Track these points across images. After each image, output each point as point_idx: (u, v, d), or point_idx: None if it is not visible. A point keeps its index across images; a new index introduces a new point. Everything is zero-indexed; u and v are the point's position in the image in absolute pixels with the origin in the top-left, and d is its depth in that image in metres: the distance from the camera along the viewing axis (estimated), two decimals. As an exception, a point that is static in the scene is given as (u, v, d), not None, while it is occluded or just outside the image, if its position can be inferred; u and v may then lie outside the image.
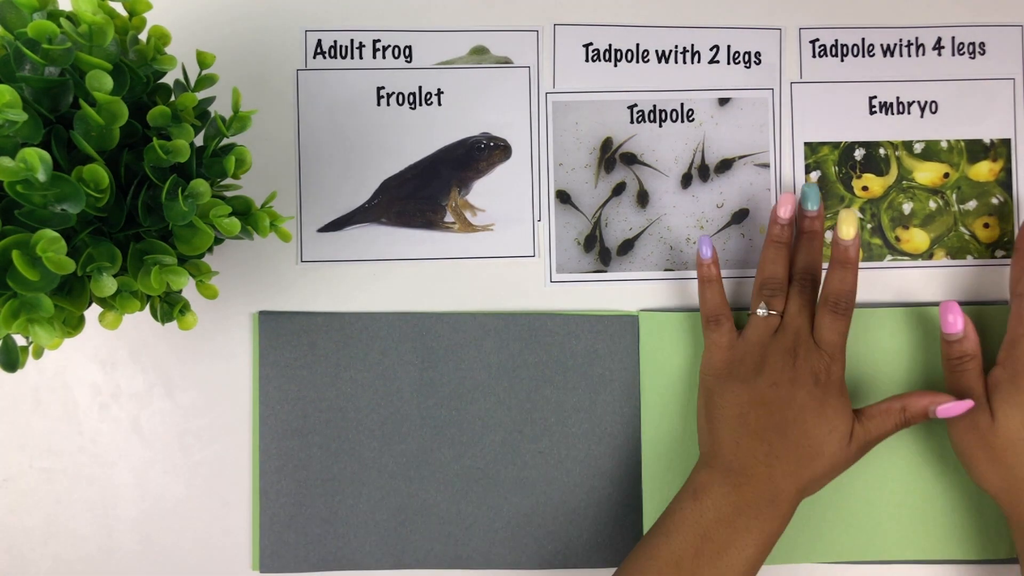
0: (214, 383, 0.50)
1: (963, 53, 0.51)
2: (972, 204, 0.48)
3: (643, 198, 0.51)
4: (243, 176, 0.40)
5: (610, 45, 0.51)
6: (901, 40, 0.51)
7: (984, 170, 0.48)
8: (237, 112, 0.39)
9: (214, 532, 0.49)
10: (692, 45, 0.51)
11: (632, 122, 0.51)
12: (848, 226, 0.44)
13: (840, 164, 0.48)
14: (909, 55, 0.51)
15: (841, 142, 0.48)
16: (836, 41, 0.51)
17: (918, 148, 0.48)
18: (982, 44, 0.51)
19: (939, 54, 0.51)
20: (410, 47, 0.51)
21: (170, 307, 0.39)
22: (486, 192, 0.51)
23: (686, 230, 0.51)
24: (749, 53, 0.51)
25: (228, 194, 0.40)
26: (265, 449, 0.49)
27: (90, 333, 0.48)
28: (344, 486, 0.49)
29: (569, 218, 0.51)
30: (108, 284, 0.34)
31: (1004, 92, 0.50)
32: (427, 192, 0.51)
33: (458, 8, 0.51)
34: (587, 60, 0.51)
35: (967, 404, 0.42)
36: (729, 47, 0.51)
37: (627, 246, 0.51)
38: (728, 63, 0.51)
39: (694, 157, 0.51)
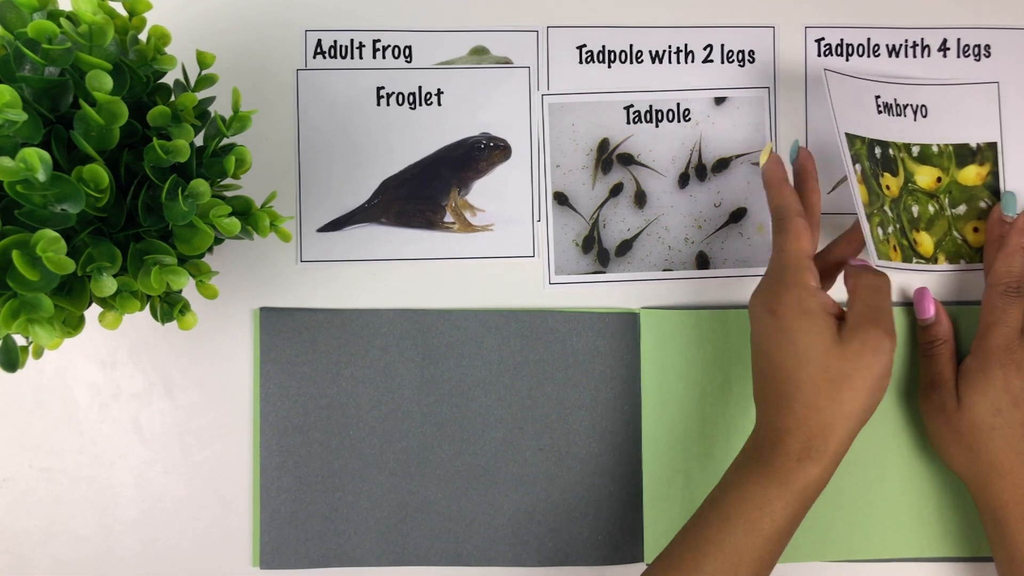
0: (214, 383, 0.50)
1: (968, 55, 0.52)
2: (962, 208, 0.48)
3: (641, 198, 0.51)
4: (243, 176, 0.40)
5: (604, 46, 0.51)
6: (907, 41, 0.52)
7: (972, 174, 0.48)
8: (237, 112, 0.39)
9: (214, 529, 0.49)
10: (686, 45, 0.51)
11: (629, 123, 0.51)
12: None
13: (869, 159, 0.46)
14: (915, 56, 0.52)
15: (866, 138, 0.46)
16: (842, 40, 0.52)
17: (915, 151, 0.47)
18: (987, 47, 0.52)
19: (944, 55, 0.52)
20: (410, 47, 0.51)
21: (170, 307, 0.39)
22: (486, 192, 0.51)
23: (684, 230, 0.51)
24: (743, 52, 0.52)
25: (228, 194, 0.40)
26: (266, 446, 0.49)
27: (90, 333, 0.48)
28: (345, 483, 0.49)
29: (567, 220, 0.51)
30: (108, 284, 0.34)
31: (988, 96, 0.49)
32: (427, 192, 0.51)
33: (458, 8, 0.51)
34: (581, 61, 0.51)
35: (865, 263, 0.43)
36: (723, 46, 0.52)
37: (625, 247, 0.51)
38: (722, 62, 0.52)
39: (691, 157, 0.51)
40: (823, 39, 0.52)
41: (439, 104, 0.51)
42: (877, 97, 0.47)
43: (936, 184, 0.47)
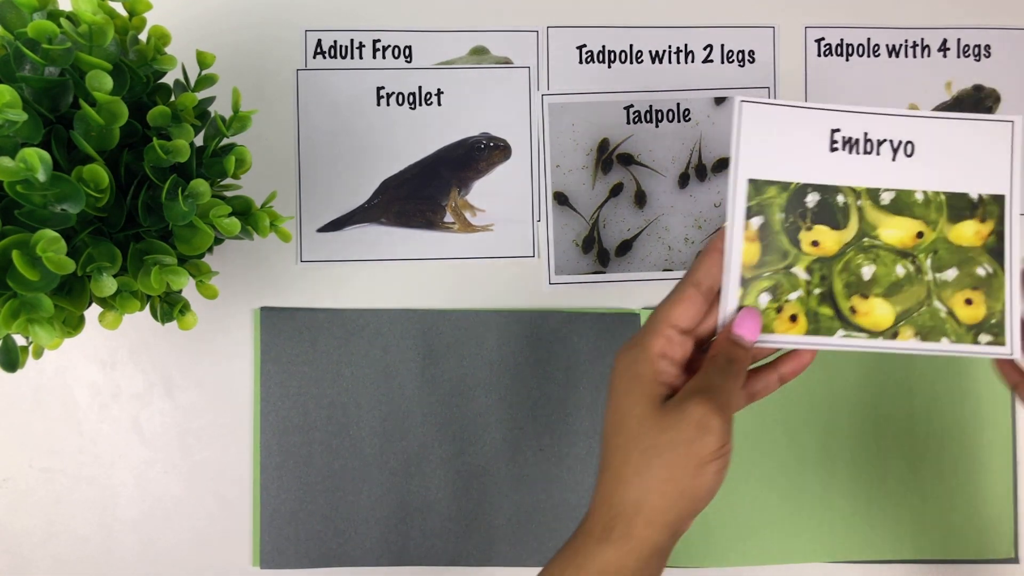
0: (214, 383, 0.50)
1: (968, 55, 0.51)
2: (952, 273, 0.38)
3: (641, 198, 0.51)
4: (243, 176, 0.40)
5: (604, 46, 0.51)
6: (907, 41, 0.52)
7: (969, 232, 0.38)
8: (237, 112, 0.39)
9: (215, 529, 0.49)
10: (685, 45, 0.51)
11: (629, 123, 0.51)
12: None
13: (788, 210, 0.37)
14: (915, 56, 0.52)
15: (792, 183, 0.37)
16: (842, 40, 0.52)
17: (886, 198, 0.38)
18: (987, 47, 0.52)
19: (944, 55, 0.52)
20: (410, 47, 0.51)
21: (170, 307, 0.39)
22: (486, 192, 0.51)
23: (684, 230, 0.51)
24: (743, 52, 0.52)
25: (228, 194, 0.40)
26: (266, 446, 0.49)
27: (90, 333, 0.48)
28: (345, 482, 0.49)
29: (567, 220, 0.51)
30: (108, 284, 0.34)
31: (999, 136, 0.39)
32: (427, 192, 0.51)
33: (458, 8, 0.51)
34: (581, 62, 0.51)
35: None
36: (723, 46, 0.52)
37: (625, 247, 0.51)
38: (722, 62, 0.52)
39: (691, 157, 0.51)
40: (823, 39, 0.52)
41: (439, 104, 0.51)
42: (835, 131, 0.38)
43: (915, 241, 0.38)
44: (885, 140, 0.38)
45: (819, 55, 0.52)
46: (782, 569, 0.50)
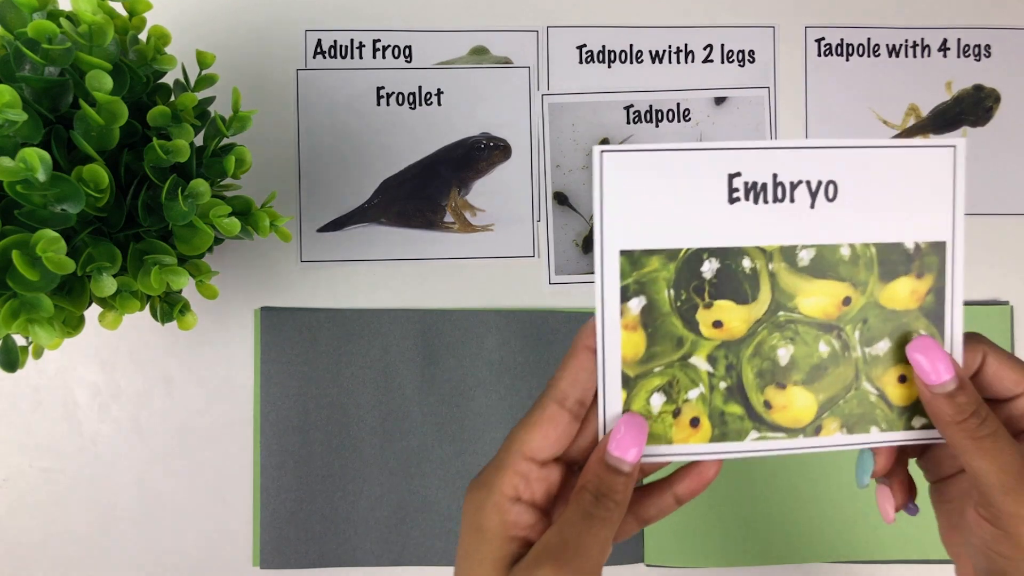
0: (214, 383, 0.50)
1: (968, 55, 0.52)
2: (883, 346, 0.30)
3: (642, 198, 0.51)
4: (243, 176, 0.40)
5: (604, 46, 0.51)
6: (907, 41, 0.52)
7: (904, 292, 0.30)
8: (237, 112, 0.39)
9: (214, 529, 0.49)
10: (685, 45, 0.51)
11: (629, 122, 0.51)
12: None
13: (678, 286, 0.29)
14: (915, 56, 0.52)
15: (681, 249, 0.29)
16: (842, 40, 0.52)
17: (805, 258, 0.30)
18: (987, 47, 0.52)
19: (944, 55, 0.52)
20: (410, 47, 0.51)
21: (170, 307, 0.39)
22: (486, 192, 0.51)
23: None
24: (743, 52, 0.52)
25: (228, 194, 0.40)
26: (266, 445, 0.49)
27: (90, 333, 0.48)
28: (345, 482, 0.49)
29: (567, 220, 0.51)
30: (108, 284, 0.34)
31: (939, 167, 0.30)
32: (427, 192, 0.51)
33: (458, 8, 0.51)
34: (581, 61, 0.51)
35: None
36: (723, 46, 0.52)
37: (626, 245, 0.51)
38: (722, 62, 0.52)
39: (693, 157, 0.51)
40: (823, 39, 0.52)
41: (439, 104, 0.51)
42: (734, 176, 0.29)
43: (841, 309, 0.30)
44: (800, 182, 0.29)
45: (819, 55, 0.52)
46: (783, 569, 0.50)
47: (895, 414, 0.31)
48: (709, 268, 0.30)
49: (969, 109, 0.52)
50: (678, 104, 0.51)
